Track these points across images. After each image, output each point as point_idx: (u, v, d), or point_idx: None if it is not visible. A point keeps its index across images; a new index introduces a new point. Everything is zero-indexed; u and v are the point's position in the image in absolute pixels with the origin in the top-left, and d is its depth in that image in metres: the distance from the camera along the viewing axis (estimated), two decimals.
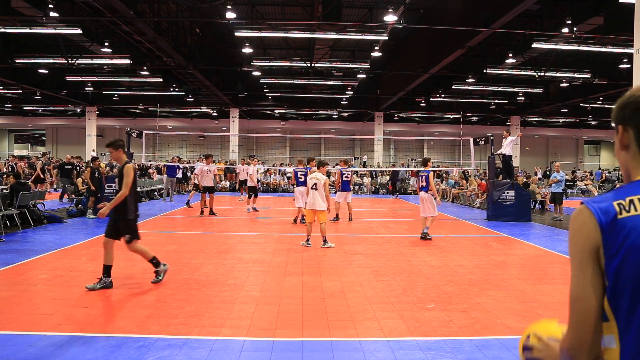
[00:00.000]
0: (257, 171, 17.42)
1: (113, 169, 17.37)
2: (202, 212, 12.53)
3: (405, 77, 21.94)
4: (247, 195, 14.37)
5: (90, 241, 8.26)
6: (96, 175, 12.00)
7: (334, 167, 15.06)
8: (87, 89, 26.29)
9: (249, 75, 24.44)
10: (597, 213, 1.03)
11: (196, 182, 13.83)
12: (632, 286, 0.97)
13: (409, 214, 14.65)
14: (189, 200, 14.75)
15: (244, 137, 34.57)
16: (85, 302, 4.68)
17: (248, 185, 14.14)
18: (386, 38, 15.70)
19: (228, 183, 24.65)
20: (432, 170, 9.14)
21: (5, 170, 20.15)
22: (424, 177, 9.03)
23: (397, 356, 3.53)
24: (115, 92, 27.73)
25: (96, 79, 23.79)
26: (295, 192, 11.01)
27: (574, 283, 1.05)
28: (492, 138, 13.91)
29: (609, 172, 29.95)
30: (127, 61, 18.34)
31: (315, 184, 8.04)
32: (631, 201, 1.02)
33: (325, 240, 8.10)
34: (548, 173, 13.92)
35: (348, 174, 11.90)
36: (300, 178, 10.78)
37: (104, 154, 32.73)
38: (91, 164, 12.82)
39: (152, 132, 19.68)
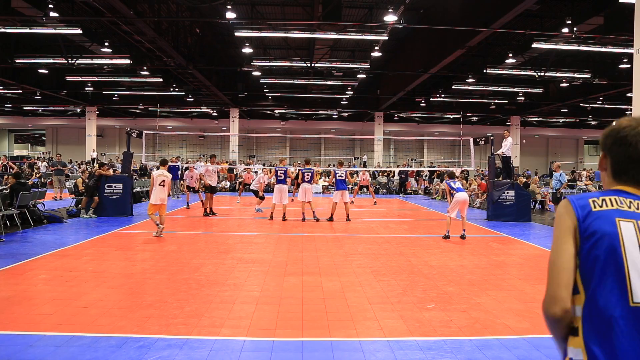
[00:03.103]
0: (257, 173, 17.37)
1: (115, 170, 17.35)
2: (205, 212, 12.59)
3: (405, 77, 21.94)
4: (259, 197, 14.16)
5: (90, 241, 8.27)
6: (92, 179, 12.01)
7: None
8: (87, 89, 26.31)
9: (249, 75, 24.45)
10: (575, 208, 1.29)
11: (190, 183, 13.93)
12: (600, 264, 1.20)
13: (409, 214, 14.65)
14: (211, 208, 14.56)
15: (244, 137, 34.57)
16: (85, 302, 4.68)
17: (252, 188, 14.15)
18: (386, 38, 15.70)
19: (228, 183, 24.65)
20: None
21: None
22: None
23: (397, 356, 3.53)
24: (115, 92, 27.74)
25: (96, 79, 23.80)
26: (275, 189, 11.82)
27: (553, 251, 1.29)
28: (492, 138, 13.90)
29: None
30: (127, 61, 18.34)
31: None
32: (603, 199, 1.28)
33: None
34: (553, 172, 13.91)
35: (342, 174, 11.96)
36: (280, 176, 11.77)
37: (104, 154, 32.80)
38: (88, 168, 12.82)
39: (152, 132, 19.66)
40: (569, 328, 1.23)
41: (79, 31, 14.77)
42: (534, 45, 15.39)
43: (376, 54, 18.83)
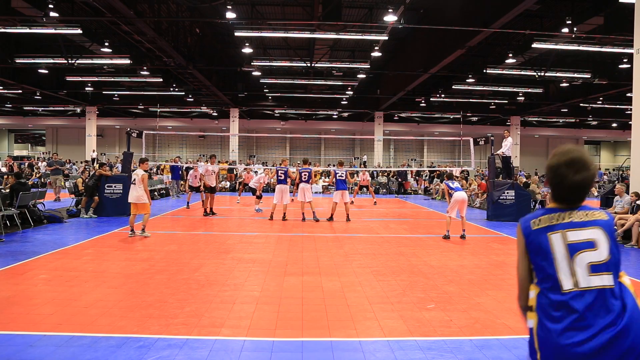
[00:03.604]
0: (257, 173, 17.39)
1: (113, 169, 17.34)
2: (205, 212, 12.62)
3: (405, 77, 21.93)
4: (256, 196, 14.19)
5: (90, 241, 8.27)
6: (91, 179, 12.02)
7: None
8: (87, 89, 26.31)
9: (249, 75, 24.45)
10: (523, 229, 1.80)
11: (193, 182, 13.96)
12: (541, 266, 1.72)
13: (409, 214, 14.65)
14: (188, 201, 14.82)
15: (244, 137, 34.57)
16: (85, 302, 4.68)
17: (251, 185, 14.16)
18: (386, 38, 15.69)
19: (228, 183, 24.65)
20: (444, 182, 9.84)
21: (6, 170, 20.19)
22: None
23: (397, 356, 3.53)
24: (115, 92, 27.74)
25: (96, 79, 23.80)
26: (276, 189, 11.85)
27: (519, 267, 1.84)
28: (492, 138, 13.90)
29: (609, 172, 29.95)
30: (127, 61, 18.34)
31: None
32: (540, 219, 1.76)
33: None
34: None
35: (342, 174, 11.97)
36: (281, 177, 11.73)
37: (104, 154, 32.80)
38: (88, 168, 12.80)
39: (152, 132, 19.65)
40: (528, 307, 1.79)
41: (79, 31, 14.77)
42: (534, 45, 15.38)
43: (376, 54, 18.83)
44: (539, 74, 19.88)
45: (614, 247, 1.70)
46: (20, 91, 25.75)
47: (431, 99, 27.85)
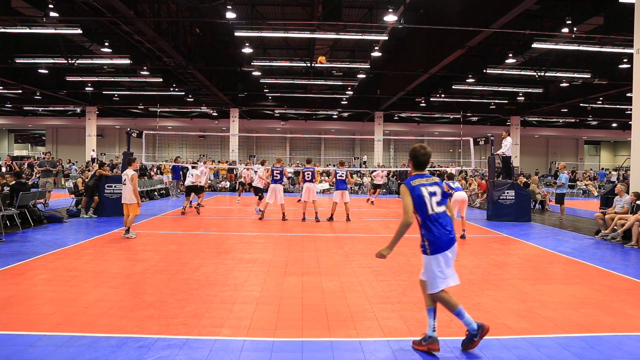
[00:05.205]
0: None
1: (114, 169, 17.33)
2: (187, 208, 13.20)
3: (405, 77, 21.93)
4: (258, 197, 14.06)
5: (90, 241, 8.27)
6: (91, 179, 12.00)
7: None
8: (87, 89, 26.32)
9: (249, 75, 24.45)
10: (409, 186, 3.58)
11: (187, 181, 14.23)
12: (418, 202, 3.55)
13: None
14: (199, 203, 14.65)
15: (244, 137, 34.58)
16: (85, 302, 4.68)
17: (254, 186, 14.07)
18: (386, 38, 15.70)
19: (228, 183, 24.65)
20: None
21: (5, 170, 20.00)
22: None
23: (397, 356, 3.54)
24: (115, 92, 27.75)
25: (96, 79, 23.80)
26: (270, 188, 11.95)
27: (405, 202, 3.56)
28: (492, 138, 13.90)
29: (610, 172, 29.96)
30: (127, 61, 18.34)
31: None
32: (415, 181, 3.60)
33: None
34: (558, 173, 13.84)
35: (342, 174, 11.98)
36: (276, 176, 11.88)
37: (104, 154, 32.79)
38: (86, 168, 12.74)
39: (152, 132, 19.65)
40: (410, 223, 3.50)
41: (79, 31, 14.77)
42: (534, 45, 15.39)
43: (376, 54, 18.83)
44: (539, 74, 19.89)
45: (444, 193, 3.65)
46: (20, 91, 25.76)
47: (431, 99, 27.85)
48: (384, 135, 32.18)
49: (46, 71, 22.52)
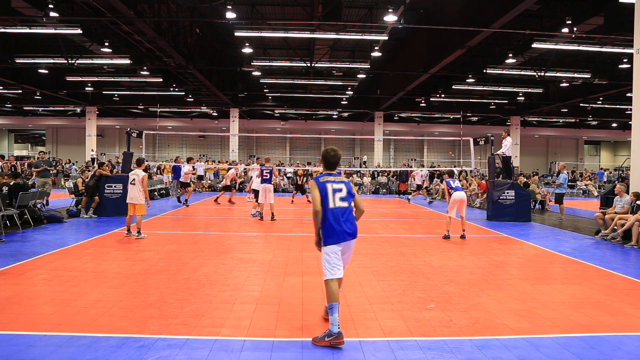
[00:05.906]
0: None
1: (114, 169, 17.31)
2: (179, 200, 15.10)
3: (405, 77, 21.94)
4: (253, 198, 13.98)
5: (90, 241, 8.26)
6: (92, 179, 11.99)
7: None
8: (87, 89, 26.32)
9: (249, 75, 24.46)
10: (317, 182, 3.92)
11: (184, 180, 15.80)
12: (325, 195, 3.87)
13: (409, 214, 14.65)
14: (187, 199, 15.03)
15: (244, 137, 34.59)
16: (85, 302, 4.68)
17: (253, 188, 13.96)
18: (386, 38, 15.70)
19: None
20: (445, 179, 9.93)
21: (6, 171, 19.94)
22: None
23: (397, 356, 3.54)
24: (115, 92, 27.75)
25: (96, 79, 23.81)
26: (261, 188, 11.88)
27: (314, 196, 3.88)
28: (492, 138, 13.89)
29: (610, 173, 29.95)
30: (127, 61, 18.34)
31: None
32: (322, 178, 3.95)
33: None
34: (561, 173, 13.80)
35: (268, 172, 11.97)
36: (266, 176, 11.75)
37: (104, 154, 32.80)
38: (86, 168, 12.71)
39: (152, 132, 19.66)
40: (319, 215, 3.86)
41: (79, 31, 14.77)
42: (534, 45, 15.38)
43: (376, 54, 18.83)
44: (539, 74, 19.89)
45: (349, 191, 3.94)
46: (20, 91, 25.76)
47: (431, 99, 27.85)
48: (384, 135, 32.18)
49: (46, 71, 22.52)
